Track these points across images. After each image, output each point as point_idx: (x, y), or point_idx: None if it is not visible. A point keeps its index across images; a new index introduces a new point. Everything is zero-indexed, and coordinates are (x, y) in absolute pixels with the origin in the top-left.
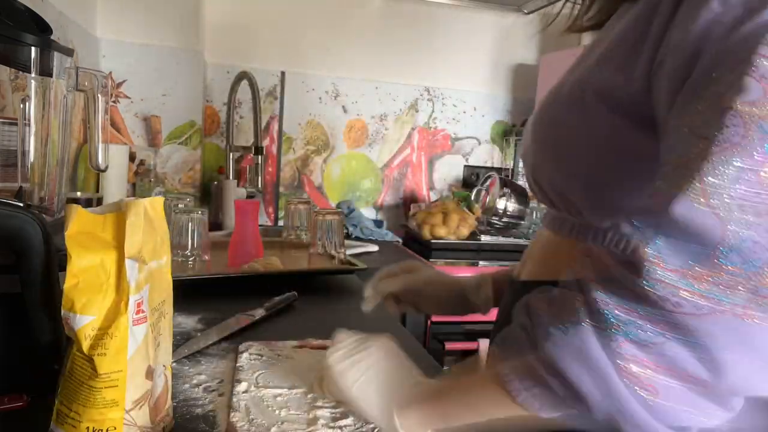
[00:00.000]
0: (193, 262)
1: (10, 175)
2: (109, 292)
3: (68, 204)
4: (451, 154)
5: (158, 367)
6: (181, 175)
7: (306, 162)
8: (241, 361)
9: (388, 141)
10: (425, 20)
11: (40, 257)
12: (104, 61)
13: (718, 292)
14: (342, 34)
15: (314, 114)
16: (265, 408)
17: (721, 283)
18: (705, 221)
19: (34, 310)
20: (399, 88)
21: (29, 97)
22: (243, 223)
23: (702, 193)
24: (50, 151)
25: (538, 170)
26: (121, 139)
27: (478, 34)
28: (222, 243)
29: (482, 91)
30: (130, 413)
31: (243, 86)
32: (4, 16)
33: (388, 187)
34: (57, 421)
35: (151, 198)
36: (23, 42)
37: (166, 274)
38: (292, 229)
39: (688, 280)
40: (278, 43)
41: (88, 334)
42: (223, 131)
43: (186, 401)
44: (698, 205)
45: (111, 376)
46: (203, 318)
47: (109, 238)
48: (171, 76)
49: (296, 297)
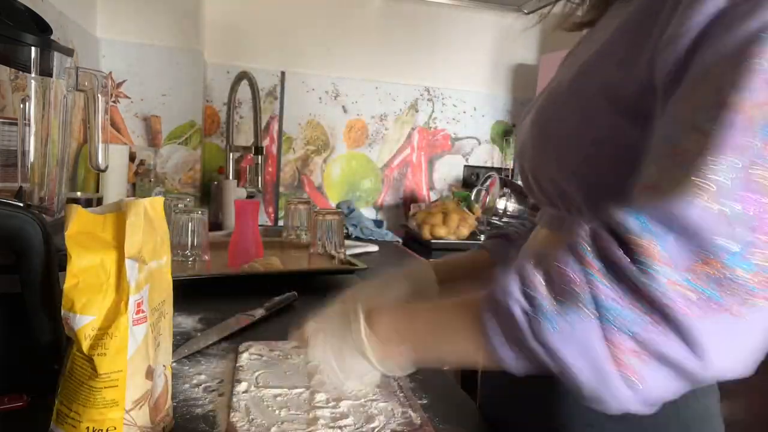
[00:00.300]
0: (193, 262)
1: (10, 175)
2: (109, 292)
3: (68, 204)
4: (451, 154)
5: (158, 367)
6: (181, 175)
7: (306, 162)
8: (241, 361)
9: (388, 141)
10: (425, 20)
11: (40, 257)
12: (104, 61)
13: (715, 291)
14: (342, 34)
15: (314, 114)
16: (265, 408)
17: (718, 283)
18: (708, 223)
19: (34, 310)
20: (399, 88)
21: (29, 97)
22: (243, 223)
23: (707, 195)
24: (50, 151)
25: (538, 169)
26: (121, 139)
27: (478, 34)
28: (222, 243)
29: (482, 91)
30: (130, 413)
31: (243, 86)
32: (4, 16)
33: (388, 187)
34: (57, 421)
35: (151, 198)
36: (23, 42)
37: (166, 274)
38: (292, 229)
39: (689, 280)
40: (278, 43)
41: (88, 334)
42: (223, 131)
43: (186, 401)
44: (704, 207)
45: (111, 376)
46: (203, 318)
47: (109, 238)
48: (171, 76)
49: (296, 297)
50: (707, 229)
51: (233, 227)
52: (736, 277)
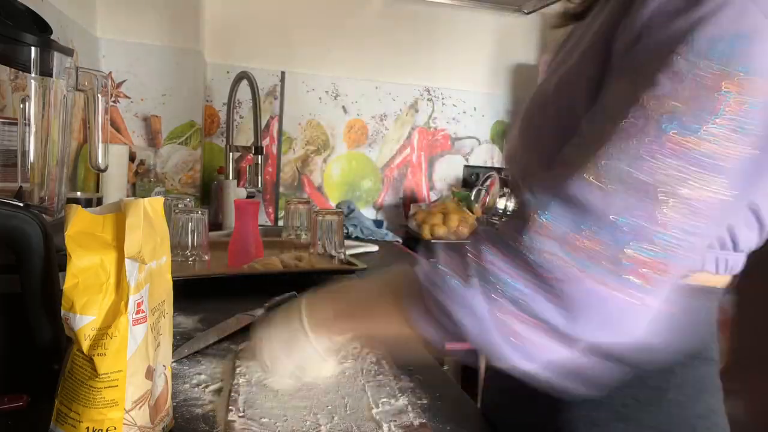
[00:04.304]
0: (193, 262)
1: (10, 175)
2: (109, 292)
3: (68, 204)
4: (451, 154)
5: (158, 367)
6: (181, 175)
7: (306, 162)
8: (240, 361)
9: (388, 141)
10: (425, 20)
11: (40, 257)
12: (104, 61)
13: (586, 261)
14: (342, 34)
15: (314, 114)
16: (265, 408)
17: (590, 254)
18: (592, 198)
19: (34, 310)
20: (399, 88)
21: (29, 97)
22: (243, 223)
23: (595, 174)
24: (50, 151)
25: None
26: (121, 139)
27: (478, 34)
28: (222, 243)
29: (482, 91)
30: (130, 413)
31: (243, 86)
32: (4, 16)
33: (388, 187)
34: (57, 421)
35: (151, 198)
36: (23, 42)
37: (166, 274)
38: (292, 229)
39: (564, 248)
40: (278, 43)
41: (88, 334)
42: (223, 131)
43: (186, 401)
44: (589, 184)
45: (111, 376)
46: (203, 318)
47: (109, 238)
48: (171, 76)
49: (296, 297)
50: (589, 205)
51: (233, 227)
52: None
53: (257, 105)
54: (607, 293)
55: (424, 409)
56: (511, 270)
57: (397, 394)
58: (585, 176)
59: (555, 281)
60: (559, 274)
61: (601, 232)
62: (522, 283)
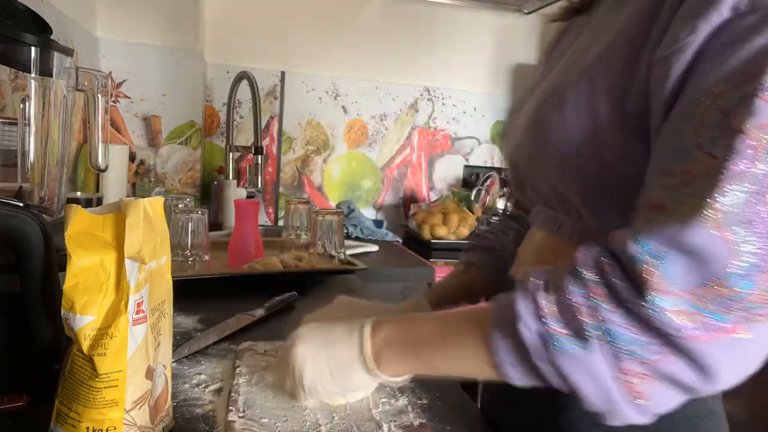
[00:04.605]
0: (193, 262)
1: (10, 175)
2: (109, 292)
3: (68, 204)
4: (451, 154)
5: (158, 367)
6: (181, 175)
7: (306, 162)
8: (240, 361)
9: (388, 141)
10: (425, 20)
11: (40, 257)
12: (104, 61)
13: (717, 313)
14: (342, 34)
15: (314, 114)
16: (265, 408)
17: (720, 305)
18: (713, 245)
19: (34, 310)
20: (399, 88)
21: (29, 97)
22: (243, 223)
23: (716, 221)
24: (50, 151)
25: (533, 168)
26: (121, 139)
27: (478, 34)
28: (222, 243)
29: (482, 91)
30: (130, 413)
31: (243, 86)
32: (4, 16)
33: (388, 187)
34: (57, 421)
35: (151, 198)
36: (23, 42)
37: (166, 274)
38: (292, 229)
39: (691, 303)
40: (278, 43)
41: (88, 334)
42: (223, 131)
43: (186, 401)
44: (713, 232)
45: (111, 376)
46: (203, 318)
47: (109, 238)
48: (171, 76)
49: (296, 297)
50: (712, 254)
51: (233, 227)
52: (738, 297)
53: (257, 105)
54: (744, 339)
55: (424, 409)
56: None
57: (397, 394)
58: (701, 222)
59: (686, 339)
60: (690, 332)
61: (729, 280)
62: (650, 344)
